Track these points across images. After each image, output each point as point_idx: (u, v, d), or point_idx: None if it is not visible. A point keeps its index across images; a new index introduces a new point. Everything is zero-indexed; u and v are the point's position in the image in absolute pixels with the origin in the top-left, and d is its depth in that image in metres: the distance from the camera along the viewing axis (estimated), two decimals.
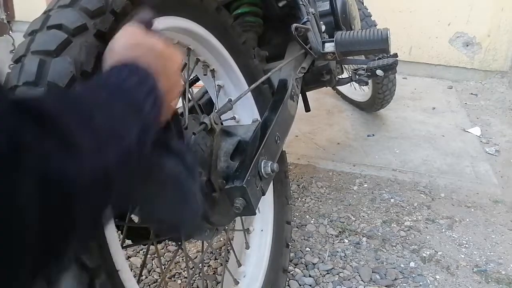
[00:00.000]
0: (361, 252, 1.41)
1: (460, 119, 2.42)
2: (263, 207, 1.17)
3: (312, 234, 1.48)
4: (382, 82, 2.01)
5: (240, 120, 1.15)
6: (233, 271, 1.09)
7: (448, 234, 1.51)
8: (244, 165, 0.88)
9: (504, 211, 1.65)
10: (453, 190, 1.77)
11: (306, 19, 1.19)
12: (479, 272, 1.34)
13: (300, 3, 1.22)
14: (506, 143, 2.19)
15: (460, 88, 2.93)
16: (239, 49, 1.08)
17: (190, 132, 0.89)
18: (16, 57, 0.64)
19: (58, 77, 0.59)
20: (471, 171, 1.92)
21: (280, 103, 1.07)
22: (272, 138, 0.98)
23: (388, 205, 1.65)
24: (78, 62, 0.61)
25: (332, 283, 1.28)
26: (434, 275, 1.33)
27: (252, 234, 1.16)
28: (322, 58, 1.21)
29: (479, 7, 2.88)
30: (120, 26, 0.62)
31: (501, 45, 2.96)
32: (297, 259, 1.36)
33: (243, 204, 0.84)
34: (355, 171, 1.88)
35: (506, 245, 1.47)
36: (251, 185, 0.85)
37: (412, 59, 3.07)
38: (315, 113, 2.36)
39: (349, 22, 1.45)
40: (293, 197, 1.67)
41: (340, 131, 2.24)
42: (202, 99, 1.32)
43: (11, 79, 0.62)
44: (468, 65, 3.03)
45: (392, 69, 1.38)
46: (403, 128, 2.29)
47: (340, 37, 1.17)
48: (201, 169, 0.89)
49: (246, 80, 1.10)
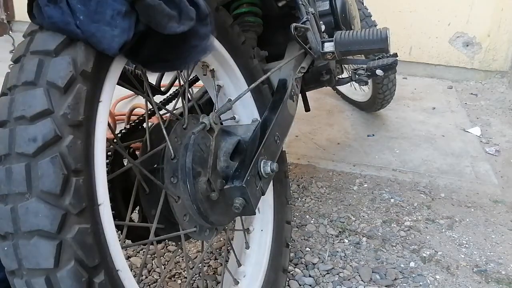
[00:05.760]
0: (361, 252, 1.41)
1: (460, 119, 2.42)
2: (263, 207, 1.17)
3: (312, 234, 1.48)
4: (382, 82, 2.01)
5: (239, 120, 1.15)
6: (233, 271, 1.09)
7: (448, 234, 1.51)
8: (243, 165, 0.88)
9: (504, 211, 1.65)
10: (453, 190, 1.77)
11: (305, 19, 1.18)
12: (479, 272, 1.34)
13: (300, 3, 1.22)
14: (506, 143, 2.19)
15: (460, 88, 2.93)
16: (238, 49, 1.08)
17: (189, 132, 0.89)
18: (16, 57, 0.64)
19: (58, 77, 0.60)
20: (471, 171, 1.92)
21: (279, 103, 1.07)
22: (272, 138, 0.98)
23: (388, 205, 1.65)
24: (78, 61, 0.61)
25: (332, 283, 1.28)
26: (434, 275, 1.33)
27: (252, 234, 1.16)
28: (322, 58, 1.21)
29: (479, 7, 2.88)
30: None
31: (501, 45, 2.96)
32: (297, 259, 1.36)
33: (242, 204, 0.84)
34: (355, 171, 1.88)
35: (506, 245, 1.47)
36: (250, 185, 0.85)
37: (412, 59, 3.07)
38: (315, 113, 2.36)
39: (349, 22, 1.44)
40: (293, 197, 1.67)
41: (340, 131, 2.24)
42: (202, 99, 1.32)
43: (11, 78, 0.62)
44: (468, 65, 3.03)
45: (392, 69, 1.38)
46: (403, 128, 2.29)
47: (340, 37, 1.17)
48: (201, 169, 0.89)
49: (246, 80, 1.10)
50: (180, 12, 0.66)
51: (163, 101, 1.33)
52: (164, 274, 1.27)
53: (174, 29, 0.66)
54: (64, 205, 0.57)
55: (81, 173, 0.60)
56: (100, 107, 0.65)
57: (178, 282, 1.26)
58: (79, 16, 0.59)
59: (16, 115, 0.59)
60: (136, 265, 1.32)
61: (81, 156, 0.60)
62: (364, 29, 1.17)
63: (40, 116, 0.58)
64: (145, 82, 0.93)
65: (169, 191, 0.84)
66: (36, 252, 0.57)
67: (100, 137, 0.65)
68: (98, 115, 0.65)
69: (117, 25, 0.61)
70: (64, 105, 0.59)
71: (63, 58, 0.61)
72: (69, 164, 0.58)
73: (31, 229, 0.57)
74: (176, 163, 0.86)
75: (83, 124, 0.61)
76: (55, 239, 0.57)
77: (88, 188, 0.61)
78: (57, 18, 0.60)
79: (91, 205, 0.61)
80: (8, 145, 0.58)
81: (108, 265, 0.63)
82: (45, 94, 0.59)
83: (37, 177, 0.57)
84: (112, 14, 0.60)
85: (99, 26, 0.60)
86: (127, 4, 0.61)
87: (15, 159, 0.58)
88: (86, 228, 0.59)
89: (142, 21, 0.63)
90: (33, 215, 0.56)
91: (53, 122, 0.58)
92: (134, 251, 1.38)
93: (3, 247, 0.58)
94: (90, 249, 0.60)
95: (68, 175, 0.58)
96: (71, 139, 0.59)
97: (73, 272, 0.58)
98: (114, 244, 0.65)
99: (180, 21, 0.67)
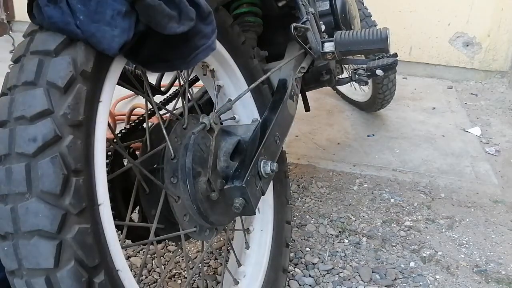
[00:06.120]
0: (361, 252, 1.41)
1: (460, 119, 2.42)
2: (263, 207, 1.17)
3: (312, 234, 1.48)
4: (382, 82, 2.01)
5: (239, 120, 1.15)
6: (233, 271, 1.09)
7: (448, 234, 1.51)
8: (243, 165, 0.88)
9: (504, 211, 1.65)
10: (453, 190, 1.77)
11: (305, 19, 1.18)
12: (479, 272, 1.34)
13: (300, 3, 1.22)
14: (506, 143, 2.19)
15: (460, 88, 2.93)
16: (238, 49, 1.08)
17: (189, 132, 0.89)
18: (16, 57, 0.64)
19: (58, 76, 0.60)
20: (471, 171, 1.92)
21: (279, 103, 1.07)
22: (272, 138, 0.98)
23: (388, 205, 1.65)
24: (78, 61, 0.61)
25: (332, 283, 1.28)
26: (434, 275, 1.33)
27: (252, 234, 1.16)
28: (322, 58, 1.21)
29: (479, 7, 2.88)
30: None
31: (501, 45, 2.96)
32: (297, 259, 1.36)
33: (242, 204, 0.84)
34: (355, 171, 1.88)
35: (506, 245, 1.47)
36: (250, 185, 0.85)
37: (412, 59, 3.07)
38: (315, 113, 2.36)
39: (349, 22, 1.44)
40: (293, 197, 1.67)
41: (340, 131, 2.24)
42: (202, 99, 1.32)
43: (11, 78, 0.62)
44: (468, 65, 3.03)
45: (392, 69, 1.38)
46: (403, 128, 2.29)
47: (340, 36, 1.17)
48: (201, 169, 0.89)
49: (246, 80, 1.10)
50: (180, 12, 0.66)
51: (163, 101, 1.33)
52: (164, 274, 1.27)
53: (174, 29, 0.66)
54: (64, 205, 0.57)
55: (81, 173, 0.60)
56: (100, 107, 0.65)
57: (178, 282, 1.26)
58: (79, 16, 0.59)
59: (16, 115, 0.59)
60: (136, 265, 1.32)
61: (81, 156, 0.60)
62: (364, 29, 1.17)
63: (40, 116, 0.58)
64: (145, 82, 0.93)
65: (169, 191, 0.84)
66: (36, 252, 0.57)
67: (100, 137, 0.65)
68: (98, 115, 0.65)
69: (117, 25, 0.61)
70: (64, 105, 0.59)
71: (63, 58, 0.61)
72: (69, 164, 0.58)
73: (31, 229, 0.57)
74: (176, 163, 0.86)
75: (83, 124, 0.61)
76: (55, 239, 0.57)
77: (88, 188, 0.61)
78: (57, 18, 0.60)
79: (91, 205, 0.61)
80: (8, 145, 0.58)
81: (108, 265, 0.63)
82: (45, 94, 0.59)
83: (37, 177, 0.57)
84: (112, 14, 0.60)
85: (99, 26, 0.60)
86: (127, 4, 0.61)
87: (15, 159, 0.58)
88: (86, 228, 0.59)
89: (142, 21, 0.63)
90: (33, 215, 0.56)
91: (53, 122, 0.58)
92: (134, 251, 1.38)
93: (3, 247, 0.58)
94: (90, 249, 0.60)
95: (68, 175, 0.58)
96: (71, 139, 0.59)
97: (73, 272, 0.58)
98: (114, 244, 0.65)
99: (180, 21, 0.67)
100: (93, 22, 0.60)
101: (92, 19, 0.60)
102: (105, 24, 0.60)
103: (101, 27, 0.60)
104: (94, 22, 0.60)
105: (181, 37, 0.69)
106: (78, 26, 0.60)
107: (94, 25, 0.60)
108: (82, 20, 0.59)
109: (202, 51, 0.74)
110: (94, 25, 0.60)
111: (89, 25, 0.60)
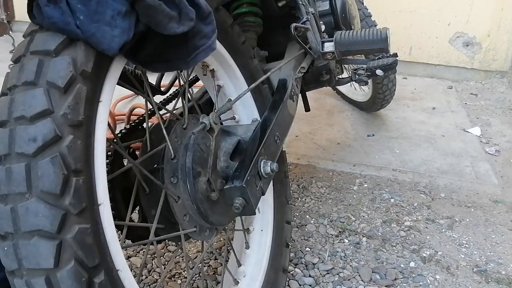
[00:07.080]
0: (361, 252, 1.41)
1: (460, 119, 2.42)
2: (263, 207, 1.17)
3: (312, 234, 1.48)
4: (382, 82, 2.01)
5: (239, 120, 1.15)
6: (233, 271, 1.09)
7: (448, 234, 1.51)
8: (243, 165, 0.88)
9: (504, 211, 1.65)
10: (453, 190, 1.77)
11: (305, 19, 1.19)
12: (479, 272, 1.34)
13: (300, 3, 1.22)
14: (506, 143, 2.19)
15: (460, 88, 2.93)
16: (238, 49, 1.08)
17: (189, 132, 0.89)
18: (16, 57, 0.64)
19: (58, 76, 0.60)
20: (471, 171, 1.92)
21: (279, 103, 1.07)
22: (272, 138, 0.98)
23: (388, 205, 1.65)
24: (78, 61, 0.61)
25: (332, 283, 1.28)
26: (434, 275, 1.33)
27: (252, 234, 1.16)
28: (322, 58, 1.21)
29: (479, 7, 2.88)
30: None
31: (501, 45, 2.96)
32: (297, 259, 1.36)
33: (242, 204, 0.84)
34: (355, 171, 1.88)
35: (506, 245, 1.47)
36: (250, 185, 0.85)
37: (412, 59, 3.07)
38: (315, 113, 2.36)
39: (349, 22, 1.44)
40: (293, 197, 1.67)
41: (340, 131, 2.24)
42: (202, 99, 1.32)
43: (11, 78, 0.62)
44: (468, 65, 3.03)
45: (392, 69, 1.38)
46: (403, 128, 2.29)
47: (340, 36, 1.17)
48: (201, 169, 0.89)
49: (246, 80, 1.10)
50: (180, 13, 0.67)
51: (163, 101, 1.33)
52: (164, 274, 1.27)
53: (174, 29, 0.66)
54: (64, 205, 0.57)
55: (81, 173, 0.60)
56: (100, 107, 0.65)
57: (178, 282, 1.26)
58: (79, 16, 0.60)
59: (16, 115, 0.59)
60: (136, 265, 1.32)
61: (81, 156, 0.60)
62: (364, 29, 1.18)
63: (40, 116, 0.58)
64: (145, 82, 0.93)
65: (169, 191, 0.84)
66: (36, 252, 0.57)
67: (100, 137, 0.65)
68: (98, 115, 0.65)
69: (117, 25, 0.61)
70: (64, 105, 0.59)
71: (63, 58, 0.61)
72: (69, 164, 0.58)
73: (31, 229, 0.57)
74: (176, 163, 0.86)
75: (83, 124, 0.61)
76: (55, 239, 0.57)
77: (88, 188, 0.61)
78: (57, 18, 0.60)
79: (91, 205, 0.61)
80: (8, 145, 0.58)
81: (108, 265, 0.63)
82: (45, 94, 0.59)
83: (37, 177, 0.57)
84: (112, 14, 0.60)
85: (99, 26, 0.60)
86: (127, 4, 0.61)
87: (15, 159, 0.58)
88: (86, 228, 0.59)
89: (142, 21, 0.63)
90: (33, 215, 0.56)
91: (53, 122, 0.58)
92: (134, 251, 1.38)
93: (3, 247, 0.58)
94: (90, 249, 0.60)
95: (68, 175, 0.58)
96: (71, 139, 0.59)
97: (73, 272, 0.57)
98: (114, 244, 0.65)
99: (180, 21, 0.67)
100: (93, 22, 0.60)
101: (92, 19, 0.60)
102: (105, 24, 0.60)
103: (101, 27, 0.60)
104: (94, 22, 0.60)
105: (181, 37, 0.68)
106: (78, 26, 0.60)
107: (94, 25, 0.60)
108: (82, 20, 0.59)
109: (202, 51, 0.74)
110: (94, 25, 0.60)
111: (89, 25, 0.60)
